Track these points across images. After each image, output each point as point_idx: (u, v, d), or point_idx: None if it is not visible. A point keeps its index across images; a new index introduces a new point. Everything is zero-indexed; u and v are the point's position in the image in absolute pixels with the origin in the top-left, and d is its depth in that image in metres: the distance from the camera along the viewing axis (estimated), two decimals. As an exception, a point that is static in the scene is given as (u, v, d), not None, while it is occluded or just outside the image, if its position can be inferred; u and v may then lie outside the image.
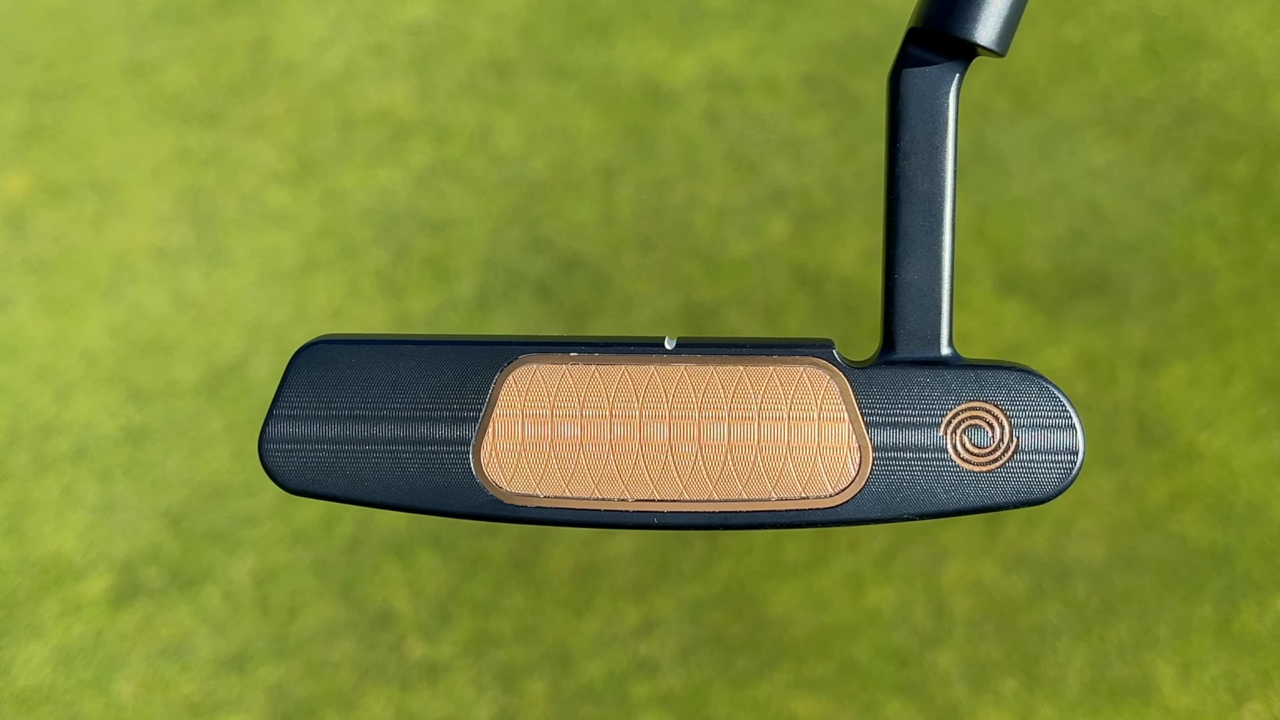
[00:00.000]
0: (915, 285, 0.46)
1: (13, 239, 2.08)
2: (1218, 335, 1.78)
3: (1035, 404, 0.46)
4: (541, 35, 2.33)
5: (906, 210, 0.46)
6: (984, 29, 0.45)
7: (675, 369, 0.46)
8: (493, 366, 0.47)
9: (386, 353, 0.47)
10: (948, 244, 0.46)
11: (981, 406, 0.46)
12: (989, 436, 0.46)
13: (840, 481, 0.46)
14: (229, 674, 1.57)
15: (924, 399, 0.46)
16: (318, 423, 0.47)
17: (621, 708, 1.52)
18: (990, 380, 0.46)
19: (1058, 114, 2.10)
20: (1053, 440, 0.46)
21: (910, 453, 0.46)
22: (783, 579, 1.60)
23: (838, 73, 2.21)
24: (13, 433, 1.82)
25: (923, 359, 0.46)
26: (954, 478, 0.46)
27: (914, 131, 0.46)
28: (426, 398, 0.47)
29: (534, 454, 0.47)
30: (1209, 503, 1.63)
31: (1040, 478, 0.46)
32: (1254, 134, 2.04)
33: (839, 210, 2.00)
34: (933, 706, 1.50)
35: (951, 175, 0.46)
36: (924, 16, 0.45)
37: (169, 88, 2.30)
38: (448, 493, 0.47)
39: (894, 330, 0.47)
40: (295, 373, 0.48)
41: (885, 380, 0.46)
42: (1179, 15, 2.23)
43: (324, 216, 2.07)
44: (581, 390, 0.47)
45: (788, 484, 0.46)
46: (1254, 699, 1.48)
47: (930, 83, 0.46)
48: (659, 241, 1.98)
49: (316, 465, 0.47)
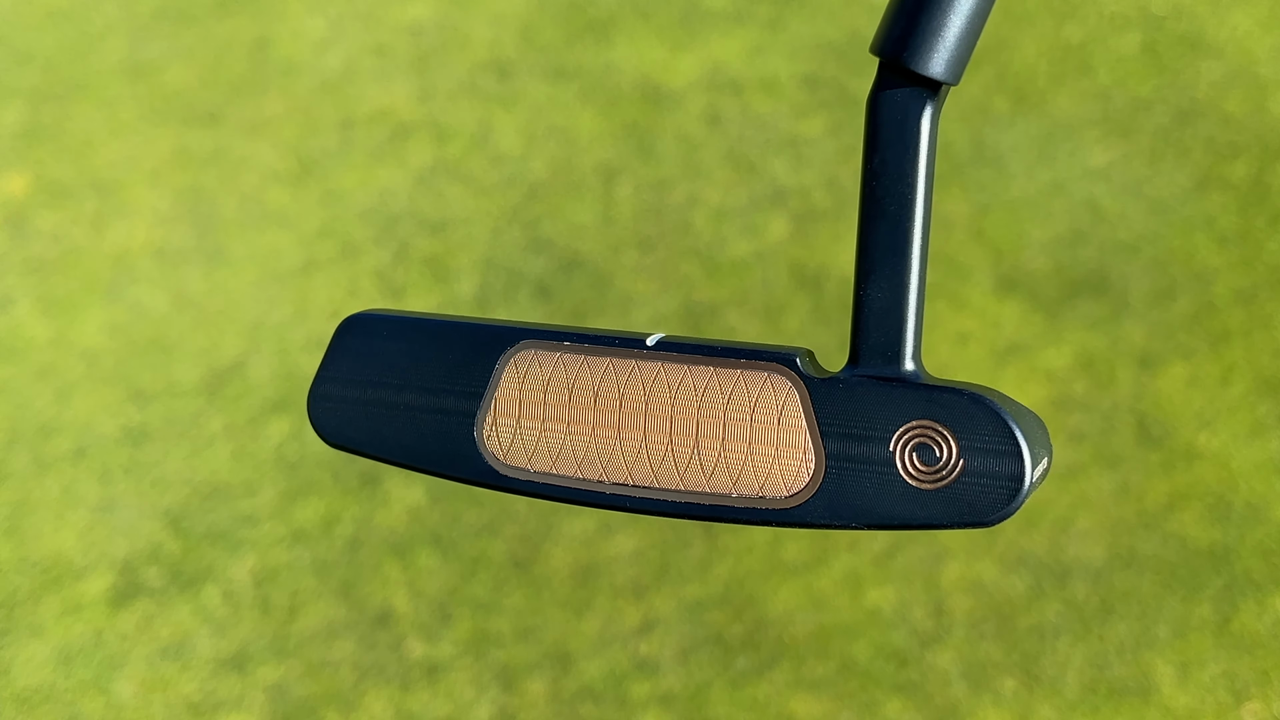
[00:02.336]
0: (879, 303, 0.47)
1: (13, 239, 2.08)
2: (1217, 335, 1.79)
3: (983, 428, 0.46)
4: (541, 35, 2.34)
5: (872, 229, 0.47)
6: (933, 62, 0.46)
7: (654, 365, 0.49)
8: (497, 349, 0.50)
9: (414, 329, 0.52)
10: (915, 264, 0.47)
11: (931, 425, 0.47)
12: (935, 456, 0.47)
13: (794, 485, 0.48)
14: (229, 674, 1.57)
15: (876, 414, 0.47)
16: (354, 386, 0.52)
17: (621, 708, 1.52)
18: (941, 401, 0.47)
19: (1057, 114, 2.10)
20: (996, 465, 0.46)
21: (860, 464, 0.47)
22: (782, 579, 1.61)
23: (838, 73, 2.21)
24: (13, 433, 1.82)
25: (882, 375, 0.48)
26: (901, 492, 0.47)
27: (883, 154, 0.47)
28: (442, 372, 0.51)
29: (527, 432, 0.50)
30: (1208, 502, 1.63)
31: (983, 501, 0.46)
32: (1253, 134, 2.04)
33: (839, 210, 2.00)
34: (932, 706, 1.50)
35: (922, 198, 0.47)
36: (878, 47, 0.47)
37: (169, 88, 2.30)
38: (453, 459, 0.51)
39: (857, 345, 0.48)
40: (340, 339, 0.52)
41: (843, 393, 0.48)
42: (1178, 15, 2.23)
43: (324, 216, 2.07)
44: (571, 378, 0.50)
45: (746, 482, 0.48)
46: (1253, 698, 1.48)
47: (900, 107, 0.47)
48: (659, 241, 1.98)
49: (350, 422, 0.52)
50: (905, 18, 0.46)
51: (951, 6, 0.46)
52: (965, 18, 0.46)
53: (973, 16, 0.46)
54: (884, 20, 0.47)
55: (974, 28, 0.46)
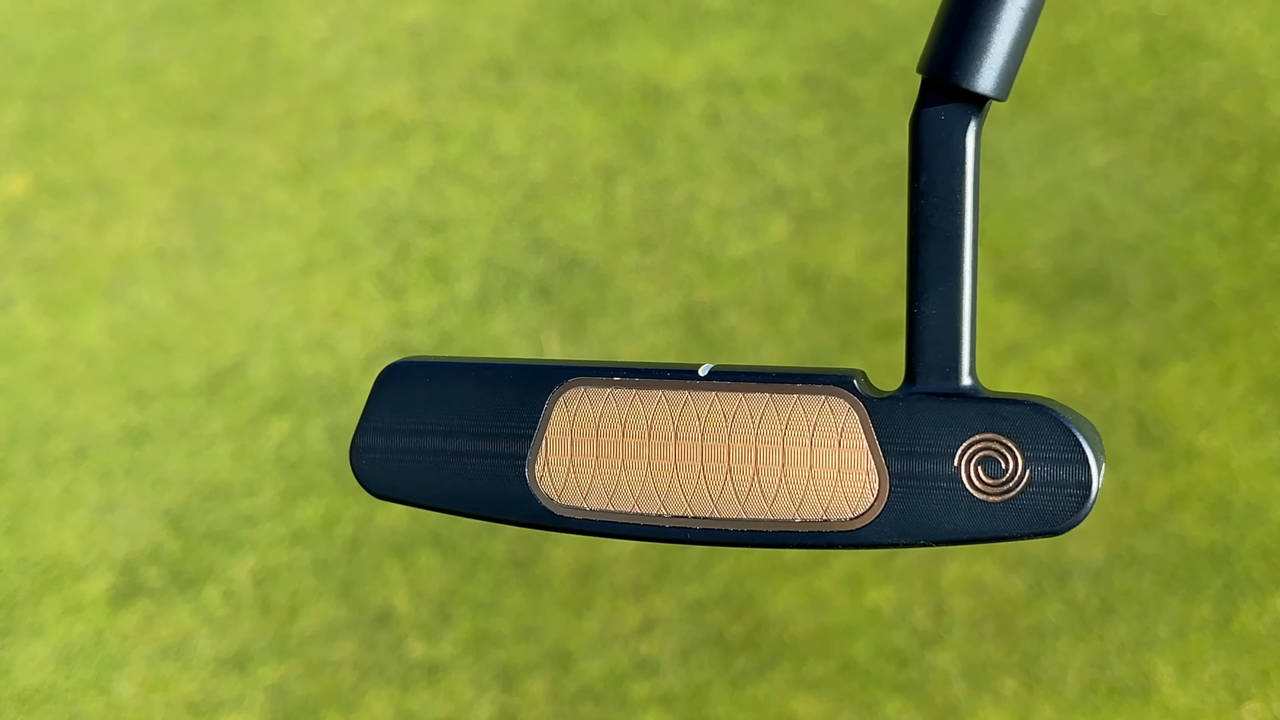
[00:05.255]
0: (934, 320, 0.48)
1: (13, 239, 2.08)
2: (1217, 335, 1.79)
3: (1047, 438, 0.47)
4: (541, 35, 2.34)
5: (925, 248, 0.48)
6: (982, 78, 0.46)
7: (708, 395, 0.49)
8: (546, 388, 0.50)
9: (456, 373, 0.51)
10: (967, 280, 0.48)
11: (995, 439, 0.47)
12: (1001, 468, 0.47)
13: (859, 506, 0.48)
14: (229, 674, 1.57)
15: (939, 431, 0.48)
16: (398, 435, 0.51)
17: (621, 708, 1.52)
18: (1004, 414, 0.47)
19: (1057, 114, 2.10)
20: (1064, 474, 0.47)
21: (926, 481, 0.48)
22: (783, 579, 1.61)
23: (838, 73, 2.21)
24: (13, 433, 1.82)
25: (942, 391, 0.48)
26: (968, 507, 0.47)
27: (930, 172, 0.48)
28: (489, 415, 0.50)
29: (581, 470, 0.50)
30: (1208, 502, 1.63)
31: (1053, 510, 0.47)
32: (1253, 134, 2.04)
33: (839, 210, 2.00)
34: (932, 706, 1.50)
35: (970, 214, 0.48)
36: (925, 65, 0.47)
37: (169, 88, 2.30)
38: (506, 502, 0.50)
39: (914, 363, 0.48)
40: (380, 389, 0.51)
41: (904, 411, 0.48)
42: (1178, 15, 2.23)
43: (324, 216, 2.07)
44: (624, 413, 0.49)
45: (810, 506, 0.48)
46: (1253, 698, 1.48)
47: (946, 125, 0.47)
48: (659, 241, 1.98)
49: (396, 472, 0.51)
50: (952, 35, 0.47)
51: (999, 23, 0.46)
52: (1012, 34, 0.46)
53: (1019, 33, 0.47)
54: (931, 39, 0.47)
55: (1021, 43, 0.47)
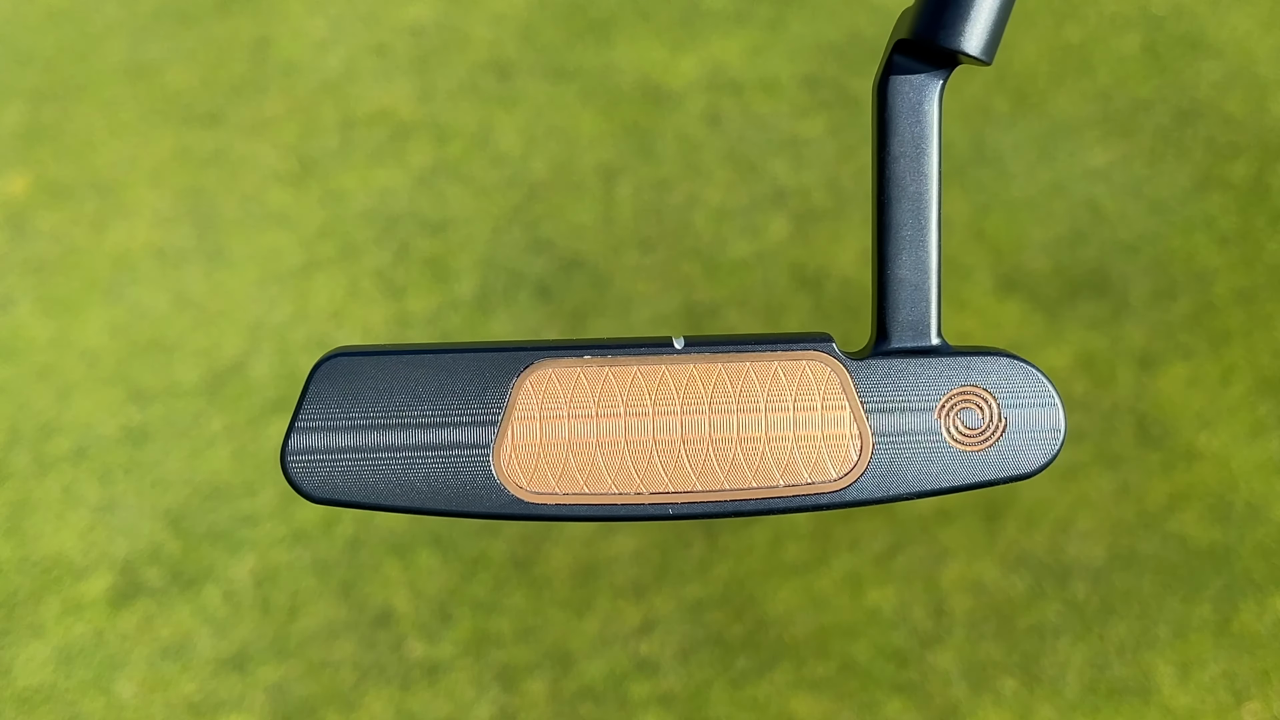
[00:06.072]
0: (907, 280, 0.50)
1: (13, 239, 2.08)
2: (1217, 335, 1.79)
3: (1020, 385, 0.49)
4: (541, 35, 2.34)
5: (896, 210, 0.50)
6: (971, 40, 0.48)
7: (685, 367, 0.49)
8: (510, 372, 0.48)
9: (406, 363, 0.48)
10: (935, 240, 0.50)
11: (972, 390, 0.49)
12: (979, 418, 0.49)
13: (843, 467, 0.49)
14: (229, 674, 1.57)
15: (919, 385, 0.49)
16: (339, 433, 0.48)
17: (621, 708, 1.52)
18: (979, 365, 0.49)
19: (1057, 114, 2.10)
20: (1037, 418, 0.49)
21: (908, 436, 0.49)
22: (783, 579, 1.61)
23: (838, 73, 2.21)
24: (13, 433, 1.82)
25: (915, 348, 0.50)
26: (948, 458, 0.49)
27: (901, 136, 0.49)
28: (446, 405, 0.48)
29: (552, 454, 0.48)
30: (1208, 503, 1.63)
31: (1026, 454, 0.49)
32: (1253, 134, 2.04)
33: (839, 210, 2.00)
34: (932, 706, 1.50)
35: (937, 175, 0.50)
36: (913, 29, 0.48)
37: (169, 88, 2.30)
38: (469, 495, 0.48)
39: (887, 322, 0.50)
40: (315, 386, 0.48)
41: (882, 370, 0.49)
42: (1178, 16, 2.23)
43: (324, 216, 2.07)
44: (596, 391, 0.48)
45: (794, 471, 0.49)
46: (1253, 698, 1.48)
47: (917, 90, 0.49)
48: (659, 241, 1.98)
49: (340, 475, 0.48)
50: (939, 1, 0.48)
51: None
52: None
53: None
54: (916, 5, 0.49)
55: (1005, 6, 0.48)
